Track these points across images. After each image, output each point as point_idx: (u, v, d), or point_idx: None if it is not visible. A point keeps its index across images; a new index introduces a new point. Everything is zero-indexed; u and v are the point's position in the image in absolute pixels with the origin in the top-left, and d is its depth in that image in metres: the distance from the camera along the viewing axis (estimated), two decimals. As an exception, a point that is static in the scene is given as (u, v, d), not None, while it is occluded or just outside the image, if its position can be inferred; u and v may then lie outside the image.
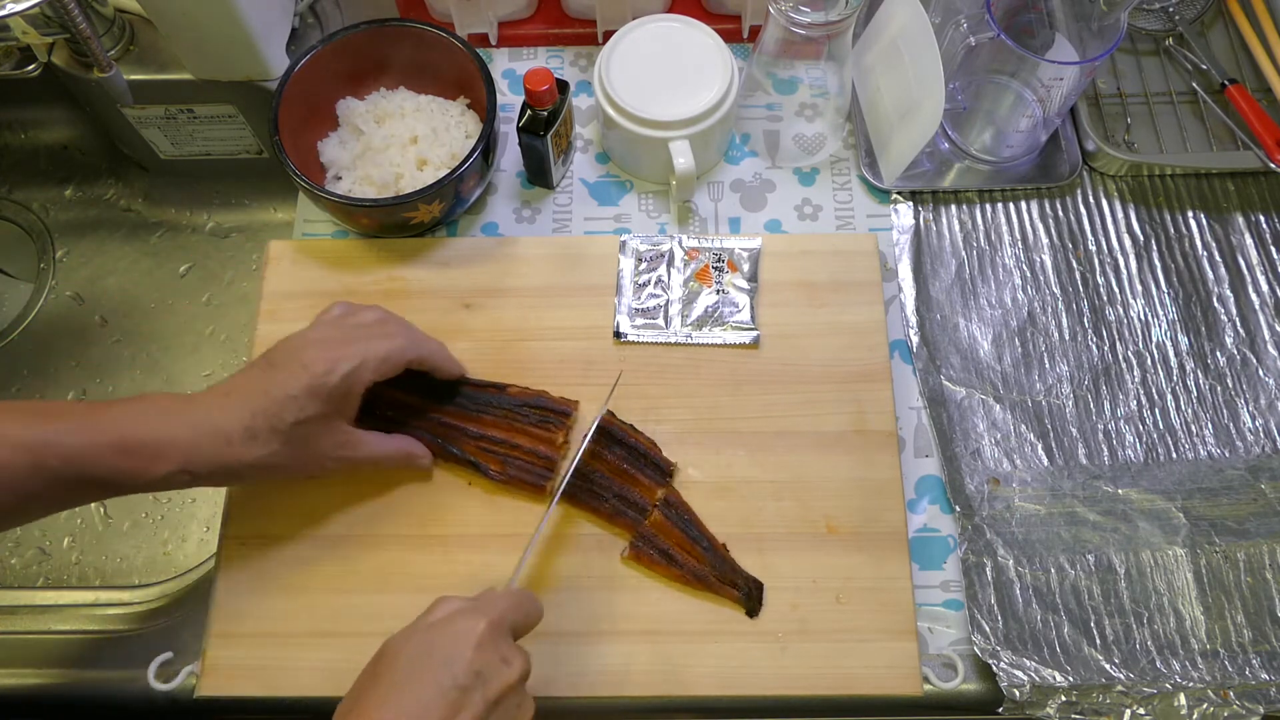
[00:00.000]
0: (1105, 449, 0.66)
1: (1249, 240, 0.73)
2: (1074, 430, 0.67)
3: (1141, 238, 0.73)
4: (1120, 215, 0.74)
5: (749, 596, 0.60)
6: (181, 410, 0.53)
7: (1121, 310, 0.71)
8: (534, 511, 0.63)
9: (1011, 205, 0.74)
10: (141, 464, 0.52)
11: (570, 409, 0.64)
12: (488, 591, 0.53)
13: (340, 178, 0.72)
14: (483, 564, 0.62)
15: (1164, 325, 0.70)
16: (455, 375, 0.64)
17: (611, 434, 0.63)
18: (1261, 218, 0.74)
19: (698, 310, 0.68)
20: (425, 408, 0.64)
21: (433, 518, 0.63)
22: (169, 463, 0.52)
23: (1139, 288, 0.72)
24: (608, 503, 0.62)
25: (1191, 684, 0.59)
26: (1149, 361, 0.69)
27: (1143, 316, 0.71)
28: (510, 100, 0.79)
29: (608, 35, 0.73)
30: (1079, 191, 0.75)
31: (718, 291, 0.69)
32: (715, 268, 0.70)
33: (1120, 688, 0.58)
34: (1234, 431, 0.67)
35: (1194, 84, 0.78)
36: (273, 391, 0.54)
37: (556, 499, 0.60)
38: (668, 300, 0.69)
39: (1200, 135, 0.77)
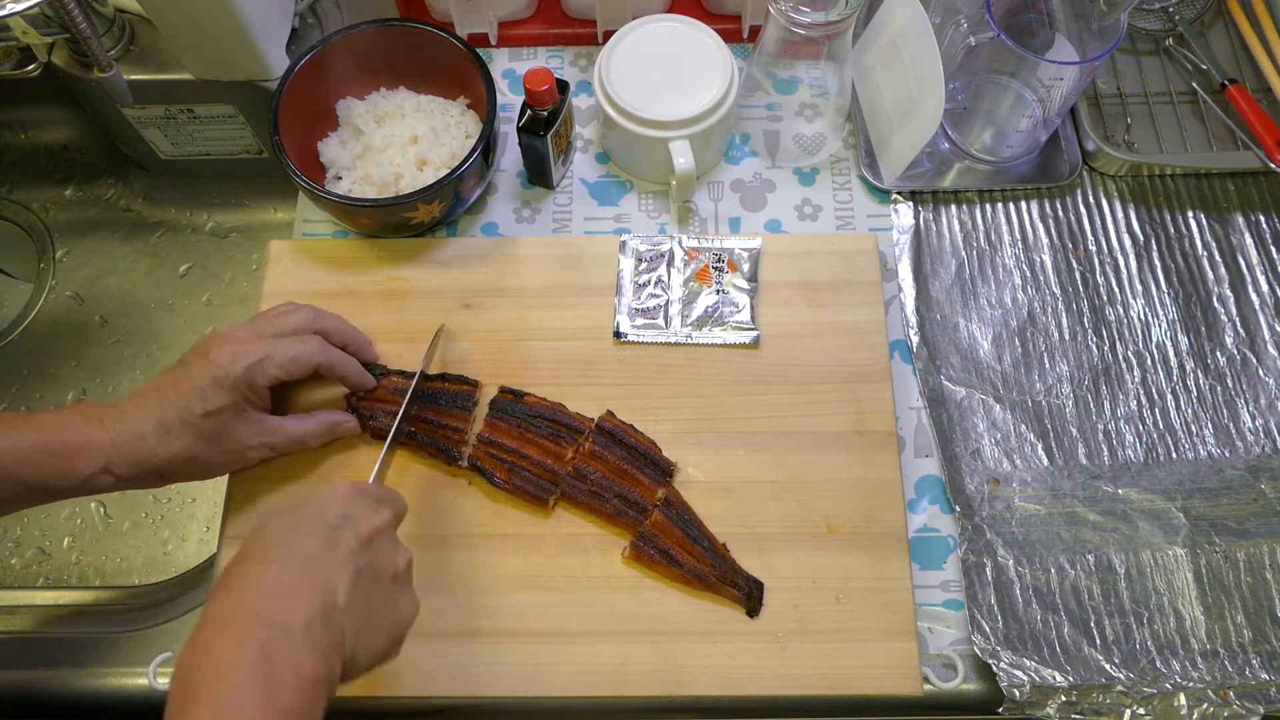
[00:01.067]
0: (1105, 449, 0.66)
1: (1249, 240, 0.73)
2: (1074, 430, 0.67)
3: (1141, 238, 0.73)
4: (1120, 215, 0.74)
5: (749, 596, 0.60)
6: (100, 415, 0.55)
7: (1121, 310, 0.71)
8: (533, 514, 0.63)
9: (1011, 205, 0.74)
10: (64, 466, 0.53)
11: (584, 426, 0.64)
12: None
13: (340, 178, 0.72)
14: (482, 564, 0.62)
15: (1164, 325, 0.70)
16: (365, 388, 0.64)
17: (612, 434, 0.63)
18: (1261, 218, 0.74)
19: (698, 310, 0.68)
20: (427, 412, 0.64)
21: (432, 517, 0.63)
22: (91, 464, 0.54)
23: (1139, 288, 0.72)
24: (608, 503, 0.62)
25: (1191, 684, 0.59)
26: (1149, 361, 0.69)
27: (1143, 316, 0.71)
28: (510, 100, 0.79)
29: (608, 35, 0.73)
30: (1079, 191, 0.75)
31: (718, 291, 0.69)
32: (715, 268, 0.70)
33: (1120, 688, 0.58)
34: (1234, 431, 0.67)
35: (1194, 84, 0.78)
36: (180, 385, 0.56)
37: (389, 442, 0.61)
38: (668, 300, 0.69)
39: (1200, 135, 0.77)
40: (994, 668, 0.59)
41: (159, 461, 0.55)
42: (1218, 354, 0.69)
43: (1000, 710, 0.59)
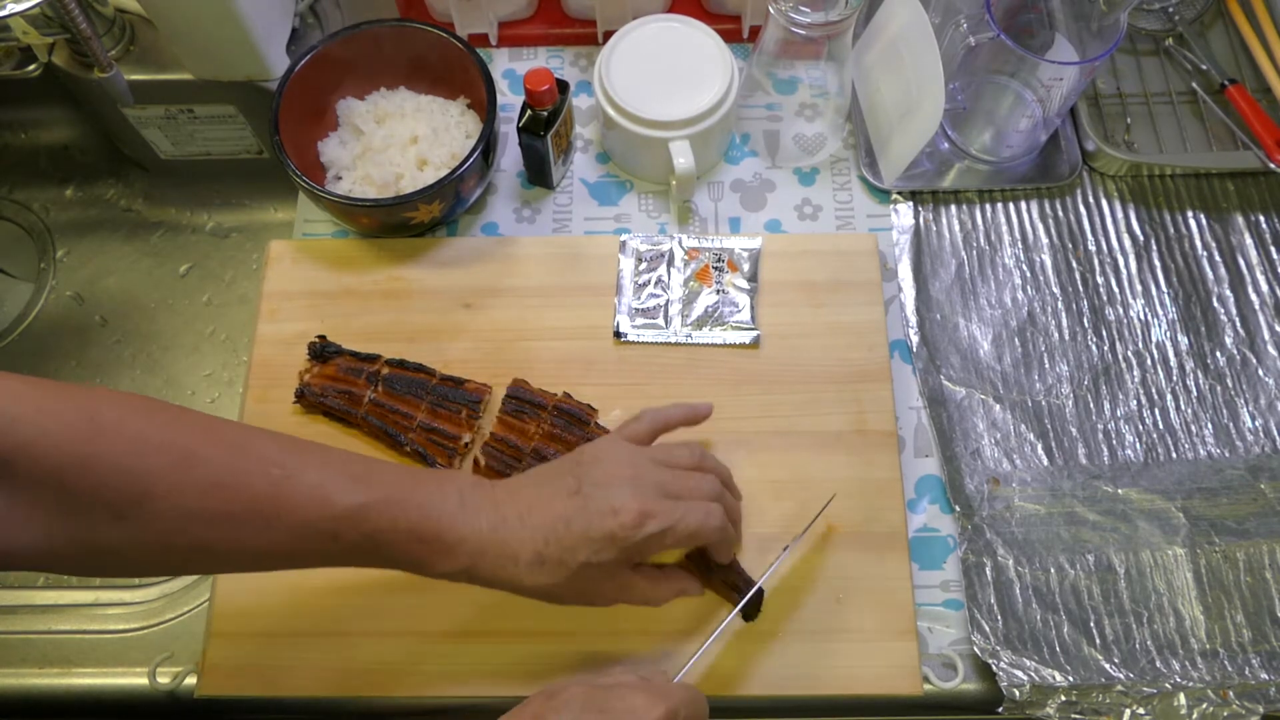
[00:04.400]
0: (1105, 449, 0.66)
1: (1249, 240, 0.73)
2: (1074, 430, 0.67)
3: (1141, 238, 0.73)
4: (1120, 215, 0.74)
5: (748, 601, 0.60)
6: (479, 509, 0.51)
7: (1121, 310, 0.71)
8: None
9: (1011, 205, 0.74)
10: (428, 557, 0.50)
11: (482, 395, 0.65)
12: (660, 672, 0.53)
13: (340, 178, 0.72)
14: (483, 564, 0.62)
15: (1164, 325, 0.70)
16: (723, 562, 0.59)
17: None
18: (1261, 218, 0.74)
19: (698, 310, 0.68)
20: (378, 395, 0.65)
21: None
22: (455, 563, 0.50)
23: (1139, 288, 0.72)
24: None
25: (1191, 684, 0.59)
26: (1149, 361, 0.69)
27: (1143, 316, 0.71)
28: (510, 100, 0.79)
29: (608, 35, 0.73)
30: (1079, 191, 0.75)
31: (718, 291, 0.69)
32: (715, 268, 0.70)
33: (1120, 688, 0.59)
34: (1234, 431, 0.67)
35: (1194, 84, 0.78)
36: (574, 526, 0.51)
37: (739, 607, 0.58)
38: (668, 300, 0.69)
39: (1200, 135, 0.77)
40: (994, 667, 0.59)
41: (516, 585, 0.52)
42: (1217, 354, 0.69)
43: (1000, 710, 0.59)
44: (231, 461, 0.47)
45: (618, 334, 0.68)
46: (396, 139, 0.71)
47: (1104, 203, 0.75)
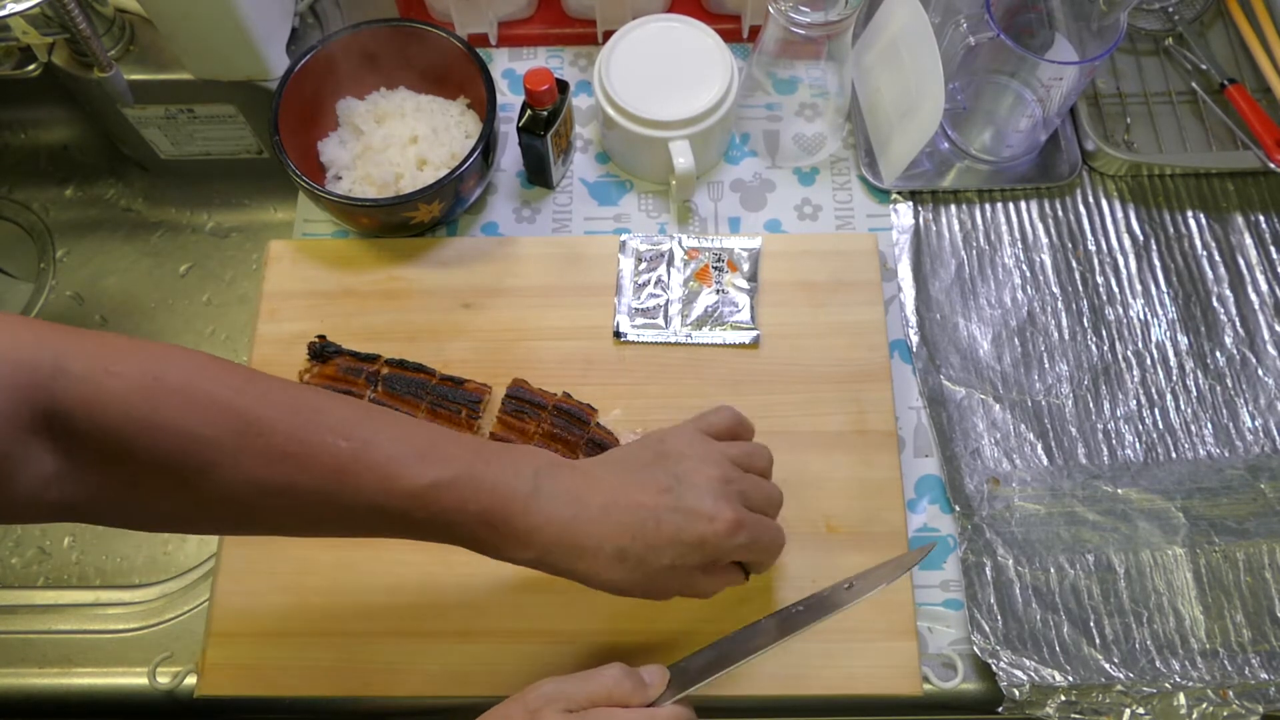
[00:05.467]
0: (1105, 449, 0.66)
1: (1249, 240, 0.73)
2: (1074, 430, 0.67)
3: (1141, 238, 0.73)
4: (1120, 215, 0.74)
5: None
6: (558, 495, 0.48)
7: (1121, 310, 0.71)
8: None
9: (1011, 205, 0.74)
10: (501, 543, 0.48)
11: (482, 395, 0.65)
12: (658, 669, 0.50)
13: (340, 178, 0.72)
14: (482, 564, 0.62)
15: (1164, 325, 0.70)
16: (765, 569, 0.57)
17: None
18: (1261, 218, 0.74)
19: (698, 310, 0.68)
20: (378, 395, 0.65)
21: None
22: (527, 551, 0.48)
23: (1139, 288, 0.72)
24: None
25: (1191, 683, 0.59)
26: (1149, 361, 0.69)
27: (1142, 316, 0.71)
28: (510, 100, 0.79)
29: (608, 35, 0.73)
30: (1079, 191, 0.75)
31: (718, 291, 0.69)
32: (715, 267, 0.70)
33: (1120, 687, 0.59)
34: (1234, 431, 0.67)
35: (1194, 84, 0.78)
36: (664, 525, 0.48)
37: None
38: (668, 300, 0.69)
39: (1200, 135, 0.77)
40: (993, 667, 0.59)
41: (589, 578, 0.49)
42: (1217, 354, 0.69)
43: (1000, 710, 0.59)
44: (298, 432, 0.45)
45: (618, 334, 0.68)
46: (396, 139, 0.71)
47: (1104, 202, 0.75)
